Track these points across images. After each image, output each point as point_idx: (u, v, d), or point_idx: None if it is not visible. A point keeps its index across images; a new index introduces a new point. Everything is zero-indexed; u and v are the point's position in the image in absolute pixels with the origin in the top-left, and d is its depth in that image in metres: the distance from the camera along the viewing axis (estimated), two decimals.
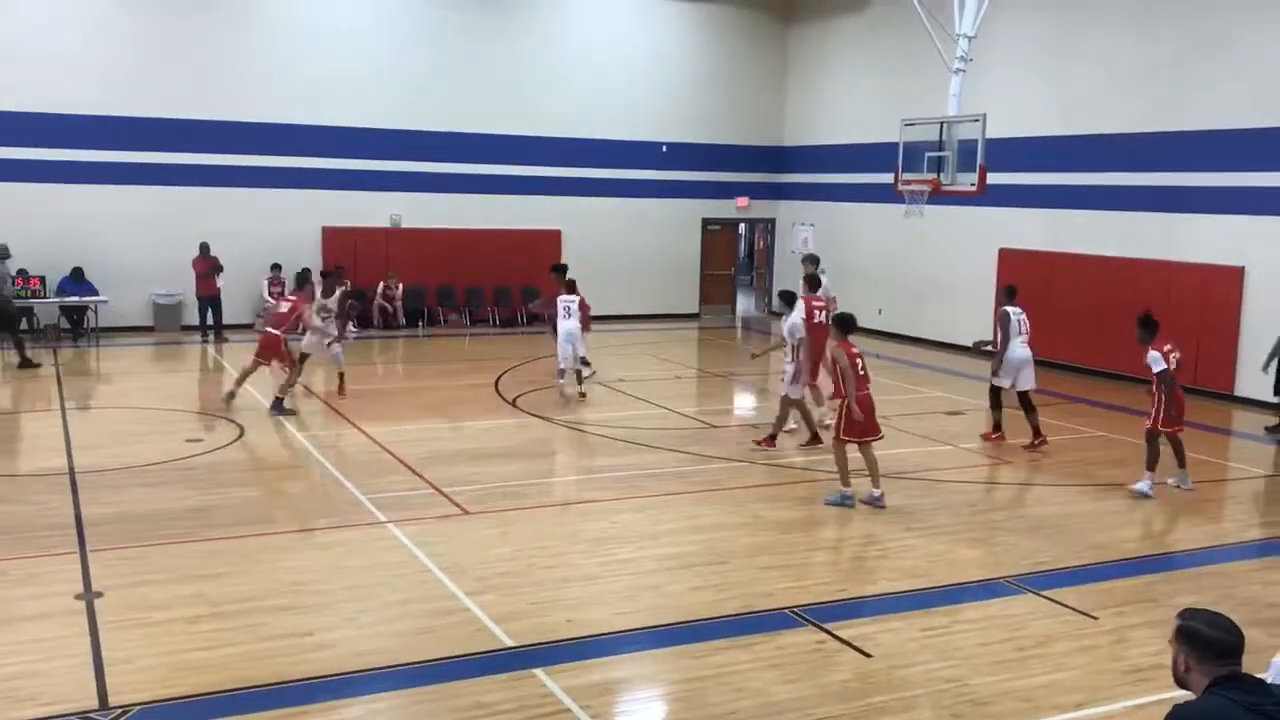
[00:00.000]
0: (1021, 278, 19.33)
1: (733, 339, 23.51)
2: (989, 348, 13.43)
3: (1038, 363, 17.75)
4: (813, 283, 13.11)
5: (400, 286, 22.24)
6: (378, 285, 22.06)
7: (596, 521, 9.68)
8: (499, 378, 16.61)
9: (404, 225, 22.72)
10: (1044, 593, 8.15)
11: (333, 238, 22.07)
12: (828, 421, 13.06)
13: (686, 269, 25.53)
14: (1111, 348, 17.74)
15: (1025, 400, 12.87)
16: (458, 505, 9.93)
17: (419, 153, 22.52)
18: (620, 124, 24.34)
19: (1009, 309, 12.81)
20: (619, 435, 13.11)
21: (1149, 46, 17.37)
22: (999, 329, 12.89)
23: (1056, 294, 18.70)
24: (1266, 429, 14.26)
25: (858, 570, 8.72)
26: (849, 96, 23.95)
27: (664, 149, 24.88)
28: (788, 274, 26.11)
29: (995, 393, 12.99)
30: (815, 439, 12.55)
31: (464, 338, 21.92)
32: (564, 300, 15.47)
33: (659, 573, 8.41)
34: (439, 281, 22.96)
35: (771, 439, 12.52)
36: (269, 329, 14.03)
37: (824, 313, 12.93)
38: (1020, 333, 12.74)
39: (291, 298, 14.33)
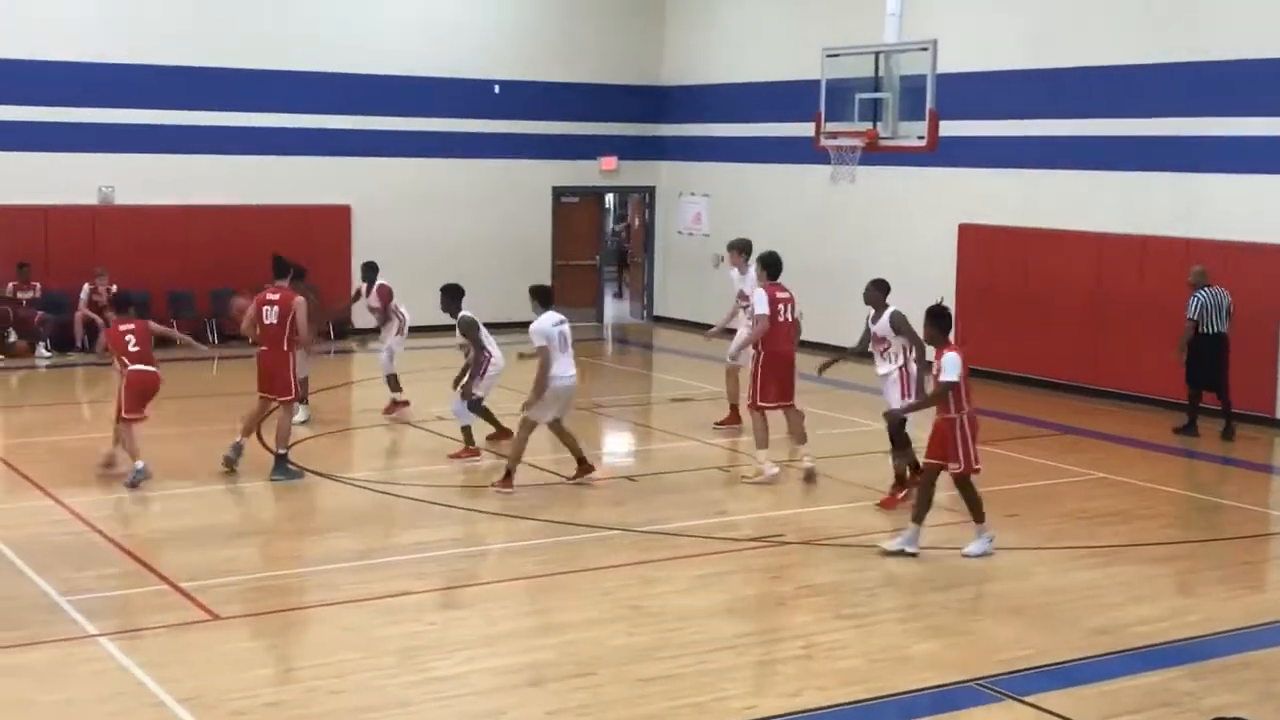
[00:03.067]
0: (989, 263, 19.99)
1: (600, 355, 23.58)
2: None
3: (999, 376, 18.28)
4: (772, 267, 13.91)
5: (114, 290, 21.66)
6: (81, 289, 21.49)
7: (407, 623, 9.57)
8: (262, 419, 16.31)
9: (118, 202, 22.19)
10: (1028, 698, 8.35)
11: (12, 221, 21.44)
12: (807, 463, 13.87)
13: (532, 258, 25.51)
14: (1112, 358, 18.38)
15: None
16: (202, 607, 9.71)
17: (138, 96, 22.06)
18: (435, 56, 24.24)
19: (898, 309, 12.77)
20: (437, 498, 12.99)
21: None
22: (906, 335, 12.71)
23: (1036, 286, 19.30)
24: (1175, 430, 16.38)
25: (774, 676, 8.81)
26: (751, 17, 24.34)
27: (496, 90, 24.88)
28: (675, 262, 26.35)
29: (901, 427, 12.78)
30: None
31: (210, 362, 21.46)
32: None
33: (499, 693, 8.36)
34: (172, 283, 22.44)
35: None
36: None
37: (790, 308, 13.75)
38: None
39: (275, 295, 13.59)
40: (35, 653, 8.83)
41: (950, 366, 10.85)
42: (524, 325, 13.90)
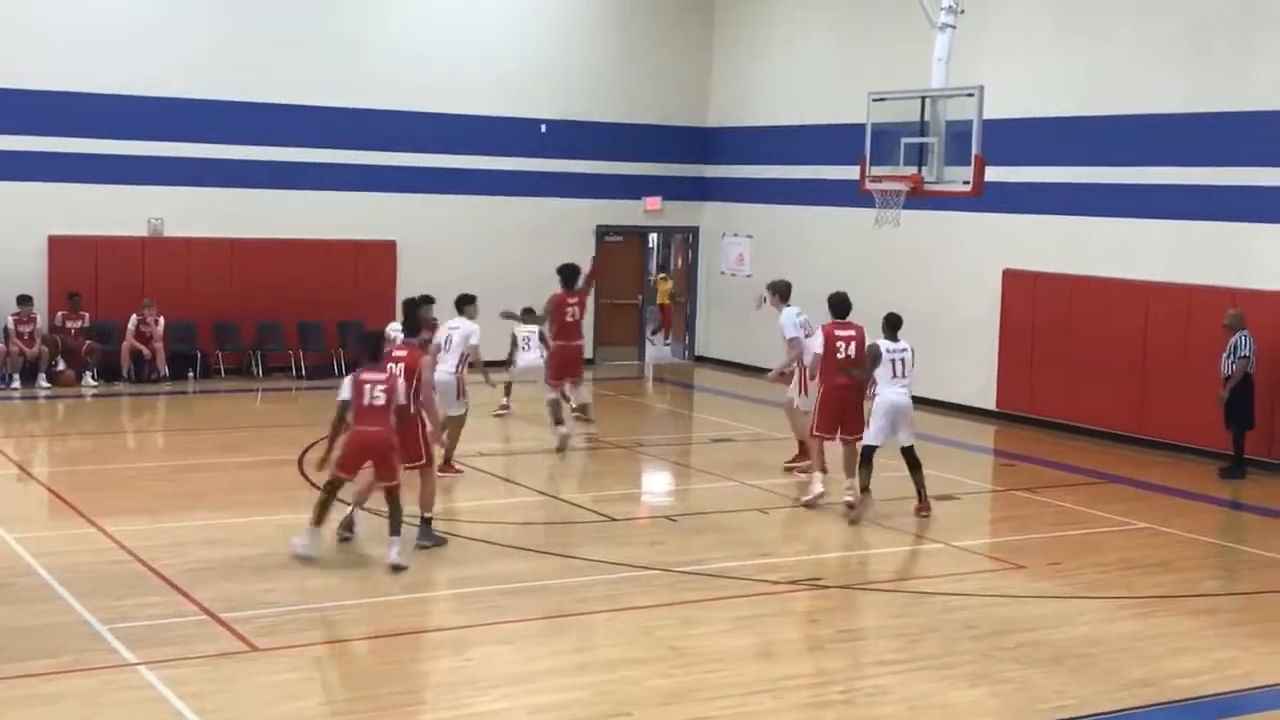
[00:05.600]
0: (1033, 309, 19.91)
1: (641, 394, 23.59)
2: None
3: (1042, 423, 18.20)
4: (836, 307, 14.52)
5: (161, 321, 21.88)
6: (129, 320, 21.67)
7: (444, 659, 9.58)
8: (304, 452, 16.40)
9: (167, 234, 22.41)
10: None
11: (63, 251, 21.66)
12: (848, 496, 14.21)
13: None
14: (1158, 408, 18.24)
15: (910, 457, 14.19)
16: (241, 638, 9.75)
17: (189, 130, 22.27)
18: (482, 95, 24.40)
19: (882, 344, 14.00)
20: (477, 534, 13.01)
21: None
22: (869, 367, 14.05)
23: (1081, 333, 19.19)
24: (1221, 472, 16.60)
25: None
26: (798, 61, 24.40)
27: (543, 129, 25.00)
28: (717, 302, 26.38)
29: (868, 453, 13.99)
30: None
31: (254, 394, 21.60)
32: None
33: None
34: (218, 314, 22.61)
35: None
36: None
37: (851, 345, 14.23)
38: (897, 374, 13.90)
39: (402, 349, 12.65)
40: (75, 680, 8.85)
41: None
42: None
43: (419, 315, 13.49)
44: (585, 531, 13.38)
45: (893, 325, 14.10)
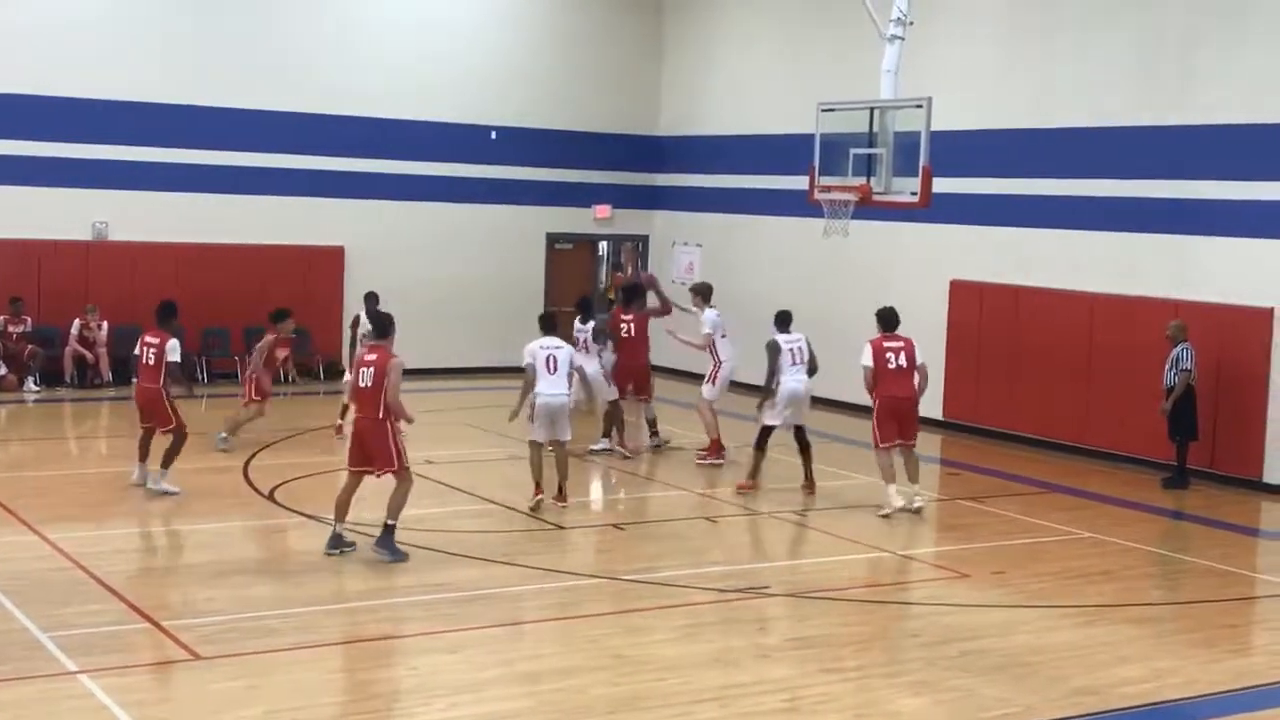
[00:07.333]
0: (979, 319, 20.07)
1: (592, 402, 23.55)
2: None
3: (988, 432, 18.30)
4: (884, 321, 15.26)
5: (105, 326, 21.70)
6: (72, 324, 21.50)
7: (390, 668, 9.57)
8: (250, 459, 16.31)
9: (111, 238, 22.24)
10: None
11: (6, 255, 21.50)
12: (918, 503, 14.80)
13: (524, 304, 25.53)
14: (1102, 418, 18.42)
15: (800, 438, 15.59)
16: (184, 647, 9.70)
17: (134, 134, 22.15)
18: (431, 101, 24.38)
19: (778, 338, 15.50)
20: (424, 542, 12.97)
21: (1150, 12, 18.30)
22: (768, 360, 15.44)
23: (1027, 344, 19.36)
24: (1164, 482, 16.82)
25: None
26: (747, 71, 24.50)
27: (493, 135, 25.00)
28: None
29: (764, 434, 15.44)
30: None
31: (199, 400, 21.46)
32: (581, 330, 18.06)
33: None
34: None
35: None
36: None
37: (900, 356, 14.88)
38: (796, 362, 15.39)
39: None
40: (14, 689, 8.78)
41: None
42: (509, 370, 14.31)
43: (389, 317, 12.72)
44: (533, 540, 13.36)
45: (784, 321, 15.73)
